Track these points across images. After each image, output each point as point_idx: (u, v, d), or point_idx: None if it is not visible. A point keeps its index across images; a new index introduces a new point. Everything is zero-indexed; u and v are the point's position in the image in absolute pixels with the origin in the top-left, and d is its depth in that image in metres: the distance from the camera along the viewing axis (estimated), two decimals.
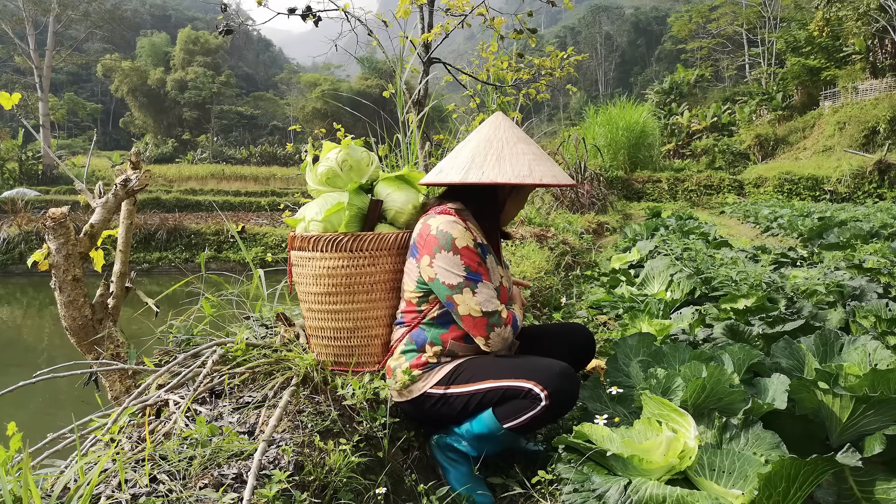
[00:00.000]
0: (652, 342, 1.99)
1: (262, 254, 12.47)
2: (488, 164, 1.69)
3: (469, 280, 1.64)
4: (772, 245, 6.12)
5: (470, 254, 1.66)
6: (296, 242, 1.84)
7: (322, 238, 1.78)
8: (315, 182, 1.92)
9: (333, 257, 1.77)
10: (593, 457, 1.43)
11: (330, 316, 1.81)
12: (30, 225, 14.15)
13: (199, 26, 58.27)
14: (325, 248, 1.77)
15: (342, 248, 1.76)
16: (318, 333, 1.85)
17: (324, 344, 1.85)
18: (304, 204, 1.99)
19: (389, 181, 1.93)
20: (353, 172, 1.89)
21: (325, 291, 1.79)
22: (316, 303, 1.82)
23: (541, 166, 1.69)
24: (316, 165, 1.92)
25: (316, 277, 1.79)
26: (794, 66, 31.10)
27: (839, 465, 1.34)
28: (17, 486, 1.13)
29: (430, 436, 1.84)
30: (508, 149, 1.71)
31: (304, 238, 1.81)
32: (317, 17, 3.78)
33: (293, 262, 1.88)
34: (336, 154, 1.89)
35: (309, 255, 1.80)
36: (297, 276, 1.87)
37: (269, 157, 42.80)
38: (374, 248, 1.78)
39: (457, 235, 1.66)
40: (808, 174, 20.47)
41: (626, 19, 71.87)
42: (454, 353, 1.74)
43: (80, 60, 42.53)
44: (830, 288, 3.20)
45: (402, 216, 1.89)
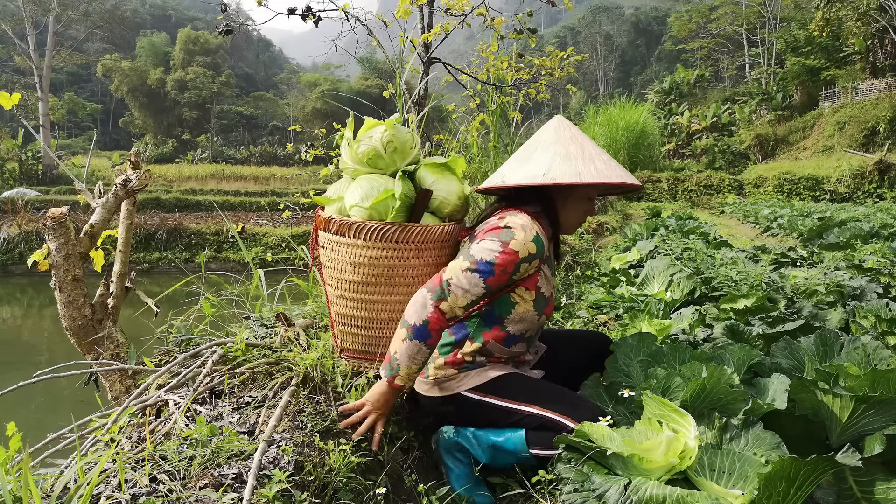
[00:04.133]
0: (653, 342, 1.99)
1: (262, 254, 12.47)
2: (509, 168, 1.68)
3: (479, 266, 1.56)
4: (772, 245, 6.12)
5: (509, 259, 1.57)
6: (333, 226, 1.72)
7: (367, 227, 1.67)
8: (353, 161, 1.79)
9: (377, 247, 1.68)
10: (593, 456, 1.43)
11: (364, 305, 1.74)
12: (30, 225, 14.15)
13: (199, 26, 58.28)
14: (369, 238, 1.67)
15: (388, 238, 1.67)
16: (346, 321, 1.78)
17: (352, 332, 1.78)
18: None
19: (433, 168, 1.82)
20: (397, 154, 1.77)
21: (363, 281, 1.71)
22: (350, 290, 1.74)
23: (565, 164, 1.63)
24: (355, 142, 1.78)
25: (354, 266, 1.70)
26: (794, 66, 31.11)
27: (839, 465, 1.34)
28: (17, 486, 1.13)
29: (435, 431, 1.81)
30: (540, 151, 1.69)
31: (345, 224, 1.69)
32: (317, 17, 3.78)
33: (324, 245, 1.77)
34: (381, 133, 1.76)
35: (349, 242, 1.70)
36: (330, 260, 1.76)
37: (269, 157, 42.81)
38: (420, 240, 1.69)
39: (518, 238, 1.58)
40: (808, 174, 20.47)
41: (626, 19, 71.86)
42: (490, 353, 1.72)
43: (80, 60, 42.45)
44: (830, 288, 3.20)
45: (446, 207, 1.80)
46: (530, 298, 1.69)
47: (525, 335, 1.75)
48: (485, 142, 5.28)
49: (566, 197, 1.76)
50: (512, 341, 1.72)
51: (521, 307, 1.68)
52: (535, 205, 1.71)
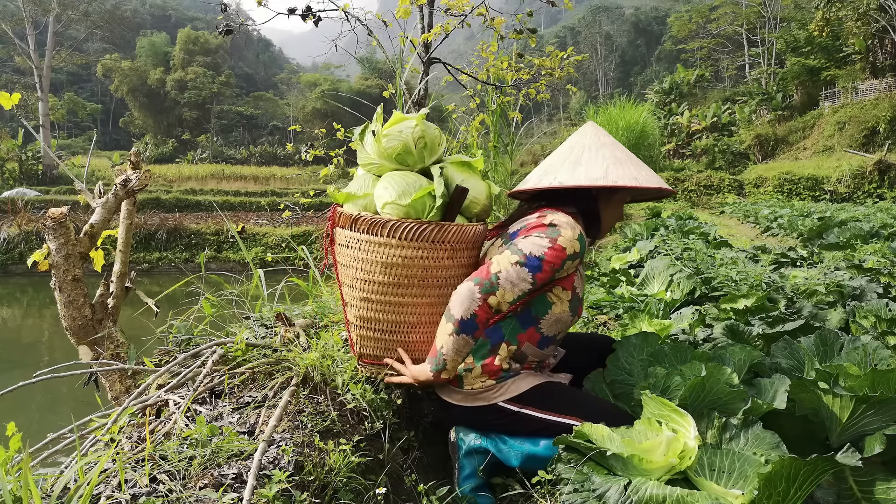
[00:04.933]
0: (656, 341, 1.99)
1: (262, 254, 12.47)
2: (562, 170, 1.67)
3: (528, 261, 1.55)
4: (772, 245, 6.12)
5: (557, 255, 1.56)
6: (361, 224, 1.63)
7: (404, 226, 1.59)
8: (379, 156, 1.71)
9: (412, 247, 1.60)
10: (593, 457, 1.43)
11: (392, 308, 1.66)
12: (30, 225, 14.16)
13: (199, 26, 58.26)
14: (405, 237, 1.60)
15: (425, 238, 1.60)
16: (368, 325, 1.70)
17: (374, 337, 1.70)
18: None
19: (460, 166, 1.77)
20: (426, 151, 1.71)
21: (394, 282, 1.63)
22: (378, 293, 1.65)
23: (621, 169, 1.63)
24: (382, 137, 1.69)
25: (386, 266, 1.62)
26: (794, 66, 31.11)
27: (839, 465, 1.34)
28: (17, 486, 1.13)
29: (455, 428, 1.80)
30: (587, 154, 1.68)
31: (377, 222, 1.61)
32: (317, 17, 3.78)
33: (347, 244, 1.67)
34: (412, 129, 1.69)
35: (381, 241, 1.61)
36: (354, 260, 1.66)
37: (268, 157, 42.80)
38: (455, 240, 1.64)
39: (565, 236, 1.57)
40: (808, 174, 20.47)
41: (626, 19, 71.86)
42: (525, 356, 1.71)
43: (80, 60, 42.46)
44: (830, 288, 3.20)
45: (475, 206, 1.76)
46: (566, 298, 1.69)
47: (557, 337, 1.75)
48: (484, 142, 5.28)
49: (608, 200, 1.77)
50: (545, 343, 1.71)
51: (557, 307, 1.68)
52: (572, 206, 1.70)
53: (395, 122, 1.71)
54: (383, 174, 1.71)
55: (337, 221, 1.69)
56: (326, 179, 4.63)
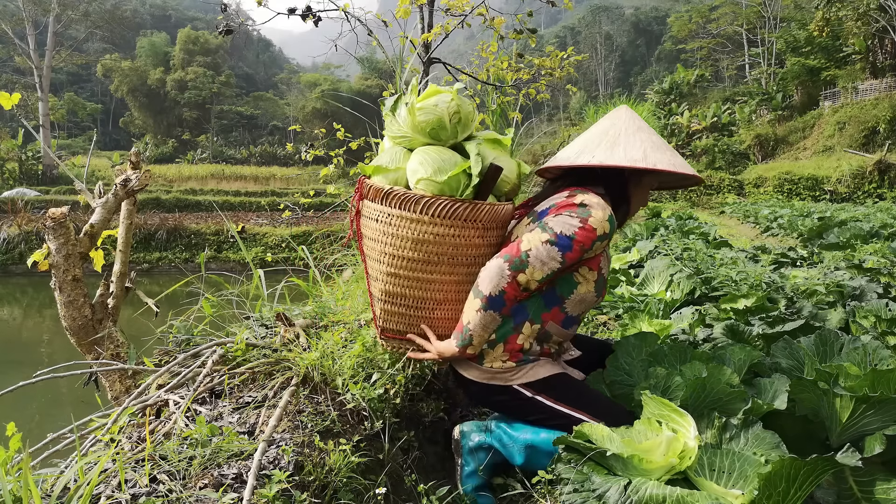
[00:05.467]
0: (654, 341, 1.99)
1: (262, 254, 12.47)
2: (600, 150, 1.66)
3: (559, 240, 1.54)
4: (772, 245, 6.12)
5: (588, 235, 1.55)
6: (393, 199, 1.61)
7: (438, 203, 1.57)
8: (412, 129, 1.67)
9: (445, 224, 1.58)
10: (593, 457, 1.43)
11: (419, 285, 1.65)
12: (30, 225, 14.16)
13: (199, 26, 58.26)
14: (438, 214, 1.57)
15: (458, 216, 1.58)
16: (394, 300, 1.68)
17: (399, 312, 1.69)
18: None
19: (490, 143, 1.74)
20: (460, 126, 1.68)
21: (424, 259, 1.62)
22: (405, 268, 1.63)
23: (658, 153, 1.63)
24: (415, 109, 1.66)
25: (417, 243, 1.60)
26: (794, 66, 31.12)
27: (839, 465, 1.34)
28: (17, 486, 1.13)
29: (460, 424, 1.81)
30: (624, 137, 1.67)
31: (411, 198, 1.58)
32: (317, 17, 3.78)
33: (377, 218, 1.65)
34: (448, 103, 1.65)
35: (413, 217, 1.59)
36: (384, 234, 1.64)
37: (268, 157, 42.80)
38: (487, 219, 1.62)
39: (596, 216, 1.56)
40: (807, 174, 20.48)
41: (626, 19, 71.87)
42: (548, 336, 1.69)
43: (80, 60, 42.47)
44: (830, 288, 3.20)
45: (506, 185, 1.73)
46: (592, 279, 1.67)
47: (580, 317, 1.74)
48: None
49: (637, 184, 1.76)
50: (569, 323, 1.70)
51: (582, 287, 1.67)
52: (601, 188, 1.68)
53: (430, 94, 1.68)
54: (415, 148, 1.68)
55: (365, 194, 1.66)
56: (326, 179, 4.63)
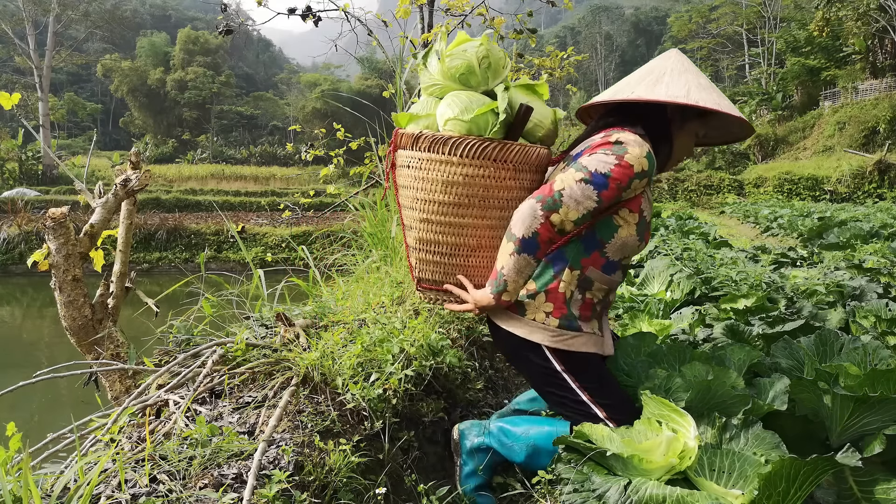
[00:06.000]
0: (653, 341, 1.99)
1: (262, 254, 12.47)
2: (641, 86, 1.61)
3: (594, 178, 1.49)
4: (772, 245, 6.13)
5: (624, 172, 1.49)
6: (423, 142, 1.59)
7: (465, 142, 1.55)
8: (443, 76, 1.65)
9: (474, 165, 1.56)
10: (593, 457, 1.43)
11: (452, 230, 1.62)
12: (30, 225, 14.16)
13: (199, 26, 58.26)
14: (467, 154, 1.55)
15: (488, 156, 1.56)
16: (428, 248, 1.67)
17: (434, 260, 1.67)
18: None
19: (524, 90, 1.71)
20: (490, 72, 1.65)
21: (455, 202, 1.59)
22: (438, 213, 1.62)
23: (703, 93, 1.57)
24: (444, 56, 1.64)
25: (447, 185, 1.58)
26: (794, 66, 31.13)
27: (839, 465, 1.34)
28: (17, 486, 1.13)
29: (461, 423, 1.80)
30: (669, 75, 1.62)
31: (439, 139, 1.57)
32: (317, 17, 3.78)
33: (409, 164, 1.63)
34: (476, 48, 1.63)
35: (443, 159, 1.57)
36: (416, 180, 1.63)
37: (268, 157, 42.80)
38: (518, 160, 1.58)
39: (632, 153, 1.50)
40: (807, 174, 20.49)
41: (626, 19, 71.87)
42: (590, 282, 1.62)
43: (80, 60, 42.47)
44: (830, 288, 3.20)
45: (539, 130, 1.69)
46: (633, 221, 1.60)
47: (622, 262, 1.67)
48: None
49: (680, 128, 1.69)
50: (610, 268, 1.64)
51: (623, 231, 1.60)
52: (640, 129, 1.61)
53: (459, 42, 1.66)
54: (448, 94, 1.66)
55: (399, 143, 1.66)
56: (326, 179, 4.63)
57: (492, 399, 2.53)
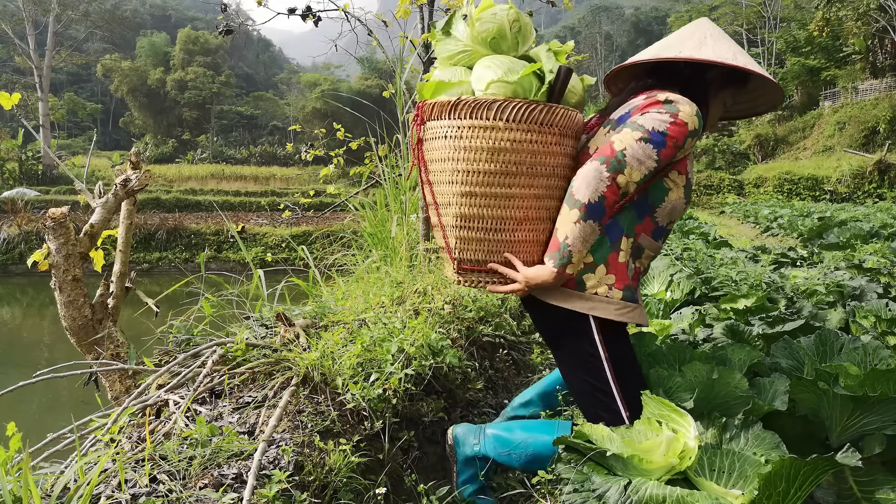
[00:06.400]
0: (653, 341, 2.00)
1: (262, 254, 12.47)
2: (687, 47, 1.58)
3: (652, 136, 1.44)
4: (772, 245, 6.13)
5: (680, 130, 1.46)
6: (463, 109, 1.49)
7: (512, 105, 1.46)
8: (472, 41, 1.57)
9: (521, 129, 1.47)
10: (593, 457, 1.43)
11: (498, 202, 1.51)
12: (30, 225, 14.16)
13: (199, 26, 58.25)
14: (514, 117, 1.46)
15: (535, 119, 1.47)
16: (471, 224, 1.54)
17: (478, 237, 1.54)
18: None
19: (552, 55, 1.63)
20: (521, 37, 1.58)
21: (502, 170, 1.49)
22: (483, 184, 1.50)
23: (745, 58, 1.57)
24: (473, 21, 1.56)
25: (493, 152, 1.48)
26: (794, 66, 31.13)
27: (839, 465, 1.34)
28: (17, 486, 1.13)
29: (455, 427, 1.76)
30: (712, 39, 1.60)
31: (482, 103, 1.47)
32: (317, 17, 3.78)
33: (445, 135, 1.52)
34: (506, 10, 1.56)
35: (487, 125, 1.48)
36: (455, 150, 1.51)
37: (268, 157, 42.79)
38: (563, 123, 1.52)
39: (684, 111, 1.46)
40: (807, 174, 20.49)
41: (626, 19, 71.87)
42: (641, 249, 1.59)
43: (80, 60, 42.46)
44: (830, 288, 3.20)
45: (573, 96, 1.65)
46: (682, 184, 1.57)
47: (668, 227, 1.64)
48: None
49: (715, 95, 1.67)
50: (659, 234, 1.61)
51: (673, 194, 1.56)
52: (677, 91, 1.56)
53: (485, 6, 1.60)
54: (476, 62, 1.57)
55: (428, 115, 1.56)
56: (326, 179, 4.63)
57: (492, 399, 2.53)
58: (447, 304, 2.64)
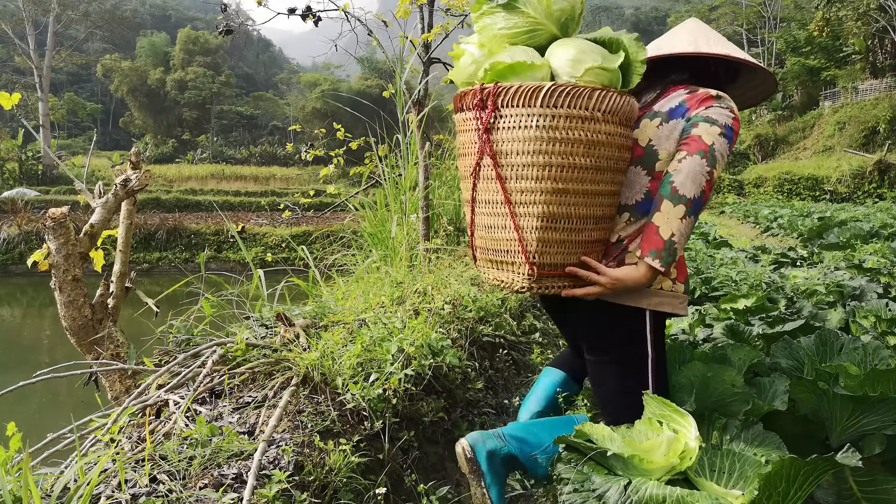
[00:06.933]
0: None
1: (262, 254, 12.47)
2: (710, 44, 1.59)
3: (726, 131, 1.43)
4: (772, 245, 6.13)
5: (738, 125, 1.48)
6: (564, 97, 1.34)
7: (613, 95, 1.37)
8: (546, 17, 1.42)
9: (614, 122, 1.39)
10: (594, 457, 1.43)
11: (587, 199, 1.41)
12: (30, 225, 14.16)
13: (199, 26, 58.24)
14: (611, 109, 1.37)
15: (624, 112, 1.41)
16: (557, 224, 1.41)
17: (560, 239, 1.42)
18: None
19: None
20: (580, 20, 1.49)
21: (594, 166, 1.39)
22: (577, 180, 1.38)
23: (743, 54, 1.61)
24: None
25: (590, 146, 1.37)
26: (794, 66, 31.14)
27: (839, 465, 1.34)
28: (17, 486, 1.13)
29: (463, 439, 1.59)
30: (716, 38, 1.64)
31: (582, 91, 1.34)
32: (317, 17, 3.78)
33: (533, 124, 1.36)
34: None
35: (585, 115, 1.35)
36: (548, 142, 1.36)
37: (268, 157, 42.78)
38: (635, 117, 1.48)
39: (734, 106, 1.48)
40: (807, 174, 20.50)
41: (627, 19, 71.90)
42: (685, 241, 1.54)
43: (80, 60, 42.46)
44: (830, 288, 3.20)
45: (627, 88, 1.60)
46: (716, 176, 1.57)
47: None
48: None
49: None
50: (692, 225, 1.58)
51: None
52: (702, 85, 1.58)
53: None
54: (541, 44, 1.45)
55: (508, 100, 1.37)
56: (326, 179, 4.63)
57: (492, 399, 2.53)
58: (447, 304, 2.64)
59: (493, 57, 1.44)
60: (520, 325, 3.31)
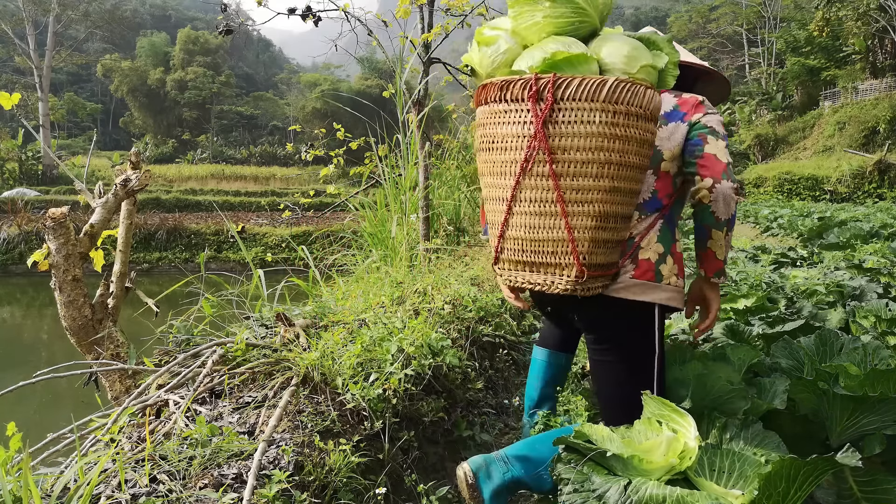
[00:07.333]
0: None
1: (262, 254, 12.47)
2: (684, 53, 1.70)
3: (725, 138, 1.54)
4: (772, 245, 6.12)
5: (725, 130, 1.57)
6: (624, 92, 1.29)
7: (659, 94, 1.39)
8: (594, 9, 1.38)
9: (655, 120, 1.40)
10: (594, 457, 1.43)
11: (630, 198, 1.43)
12: (30, 225, 14.16)
13: (199, 26, 58.23)
14: (657, 108, 1.40)
15: (659, 111, 1.45)
16: (608, 223, 1.38)
17: (607, 238, 1.40)
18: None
19: None
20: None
21: (639, 164, 1.38)
22: (628, 179, 1.37)
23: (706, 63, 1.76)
24: None
25: (642, 144, 1.36)
26: (794, 66, 31.15)
27: (839, 465, 1.34)
28: (17, 486, 1.13)
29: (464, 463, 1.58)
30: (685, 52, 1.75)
31: (640, 88, 1.31)
32: (317, 17, 3.78)
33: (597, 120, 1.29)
34: None
35: (640, 113, 1.33)
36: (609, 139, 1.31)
37: (268, 157, 42.78)
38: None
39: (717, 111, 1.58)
40: (807, 174, 20.50)
41: (627, 19, 71.91)
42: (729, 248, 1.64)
43: (80, 60, 42.46)
44: (830, 288, 3.20)
45: None
46: None
47: None
48: None
49: None
50: None
51: None
52: None
53: None
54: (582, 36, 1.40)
55: (570, 93, 1.29)
56: (326, 179, 4.63)
57: (492, 399, 2.53)
58: (447, 304, 2.64)
59: (538, 47, 1.36)
60: (520, 325, 3.31)
